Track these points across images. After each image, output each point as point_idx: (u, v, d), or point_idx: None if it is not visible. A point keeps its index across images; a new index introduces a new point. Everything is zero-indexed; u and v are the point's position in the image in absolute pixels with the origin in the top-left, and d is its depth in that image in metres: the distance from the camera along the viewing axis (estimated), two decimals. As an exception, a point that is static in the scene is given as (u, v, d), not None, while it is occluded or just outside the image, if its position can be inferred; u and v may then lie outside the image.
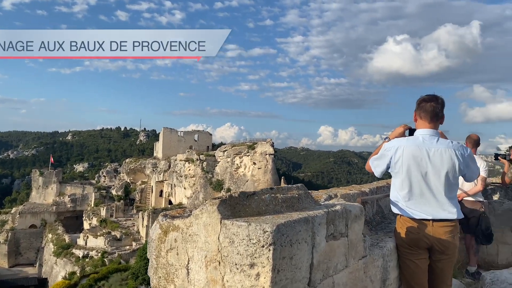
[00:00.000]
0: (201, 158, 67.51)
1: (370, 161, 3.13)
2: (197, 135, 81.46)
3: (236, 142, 75.32)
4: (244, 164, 66.47)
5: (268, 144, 64.75)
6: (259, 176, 62.96)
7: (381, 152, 3.05)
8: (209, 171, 66.91)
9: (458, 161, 2.86)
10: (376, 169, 3.07)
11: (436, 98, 3.00)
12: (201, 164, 67.15)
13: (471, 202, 5.76)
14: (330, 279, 1.99)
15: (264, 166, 63.75)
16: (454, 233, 2.93)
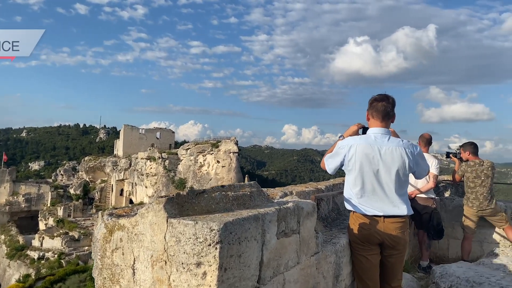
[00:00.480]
0: (163, 156, 66.51)
1: (325, 159, 3.18)
2: (159, 133, 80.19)
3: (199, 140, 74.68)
4: (208, 162, 66.07)
5: (232, 142, 64.67)
6: (223, 174, 62.78)
7: (335, 150, 3.10)
8: (171, 169, 66.04)
9: (408, 159, 2.95)
10: (329, 166, 3.12)
11: (387, 97, 3.08)
12: (163, 162, 66.17)
13: (423, 199, 5.97)
14: (281, 276, 2.00)
15: (228, 164, 63.62)
16: (404, 229, 3.02)
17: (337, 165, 3.08)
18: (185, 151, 67.92)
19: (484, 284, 3.84)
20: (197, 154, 66.63)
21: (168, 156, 67.91)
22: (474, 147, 5.99)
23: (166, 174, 65.81)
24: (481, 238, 6.29)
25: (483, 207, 5.79)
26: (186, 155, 67.61)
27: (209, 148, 66.03)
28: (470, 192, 5.88)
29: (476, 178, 5.80)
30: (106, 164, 75.74)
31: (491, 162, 5.87)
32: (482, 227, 6.20)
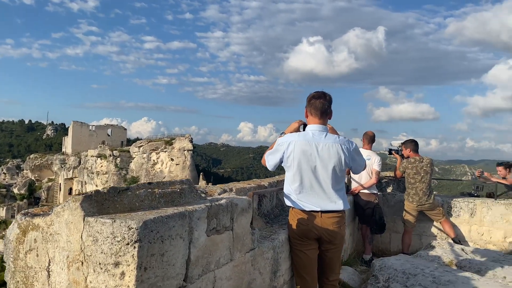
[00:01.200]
0: (115, 154, 64.60)
1: (265, 156, 3.19)
2: (111, 130, 77.77)
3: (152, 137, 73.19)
4: (161, 160, 64.94)
5: (187, 139, 63.95)
6: (177, 172, 61.96)
7: (275, 147, 3.12)
8: (123, 167, 64.31)
9: (344, 155, 3.01)
10: (269, 163, 3.14)
11: (324, 95, 3.13)
12: (114, 160, 64.28)
13: (366, 194, 6.16)
14: (211, 273, 1.97)
15: (183, 162, 62.88)
16: (341, 223, 3.08)
17: (276, 161, 3.10)
18: (138, 149, 66.37)
19: (418, 276, 4.00)
20: (150, 152, 65.31)
21: (119, 154, 66.06)
22: (414, 145, 6.24)
23: (118, 172, 64.02)
24: (420, 232, 6.57)
25: (422, 202, 6.05)
26: (139, 153, 66.08)
27: (163, 146, 64.92)
28: (411, 188, 6.13)
29: (416, 174, 6.05)
30: (54, 162, 72.52)
31: (430, 159, 6.15)
32: (421, 221, 6.48)
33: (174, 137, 65.54)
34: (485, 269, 4.43)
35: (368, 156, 6.20)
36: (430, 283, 3.81)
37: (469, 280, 3.79)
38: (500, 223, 6.16)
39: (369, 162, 6.15)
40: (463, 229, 6.35)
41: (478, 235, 6.28)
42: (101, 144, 69.92)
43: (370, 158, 6.17)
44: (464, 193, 7.68)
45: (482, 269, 4.46)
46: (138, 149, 66.88)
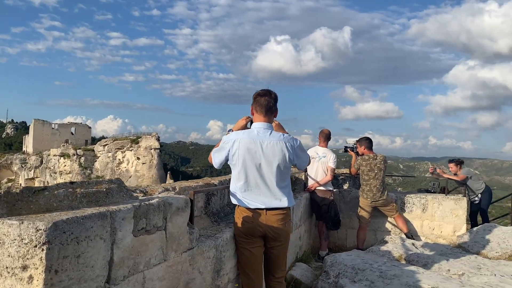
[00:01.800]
0: (79, 153, 62.86)
1: (212, 153, 3.16)
2: (74, 128, 75.60)
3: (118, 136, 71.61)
4: (127, 159, 63.69)
5: (154, 138, 62.96)
6: (144, 171, 60.95)
7: (221, 145, 3.09)
8: (87, 167, 62.66)
9: (288, 152, 3.02)
10: (215, 161, 3.11)
11: (269, 92, 3.13)
12: (78, 159, 62.54)
13: (322, 191, 6.24)
14: (140, 274, 1.92)
15: (149, 161, 61.88)
16: (286, 220, 3.09)
17: (222, 159, 3.08)
18: (103, 148, 64.82)
19: (366, 271, 4.08)
20: (115, 151, 63.93)
21: (83, 153, 64.33)
22: (369, 142, 6.37)
23: (82, 171, 62.35)
24: (375, 227, 6.72)
25: (376, 198, 6.19)
26: (104, 152, 64.56)
27: (129, 144, 63.68)
28: (365, 184, 6.26)
29: (370, 171, 6.18)
30: (14, 162, 69.80)
31: (383, 156, 6.29)
32: (376, 217, 6.63)
33: (141, 136, 64.32)
34: (432, 263, 4.57)
35: (324, 153, 6.28)
36: (376, 277, 3.89)
37: (414, 273, 3.90)
38: (450, 218, 6.38)
39: (324, 160, 6.24)
40: (415, 224, 6.54)
41: (430, 229, 6.48)
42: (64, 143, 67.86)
43: (326, 156, 6.26)
44: (421, 189, 7.91)
45: (428, 262, 4.61)
46: (103, 148, 65.34)
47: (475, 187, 7.68)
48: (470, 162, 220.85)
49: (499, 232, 5.46)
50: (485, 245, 5.22)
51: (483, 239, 5.38)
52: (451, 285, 3.61)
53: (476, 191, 7.68)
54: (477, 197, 7.67)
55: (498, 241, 5.22)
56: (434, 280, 3.71)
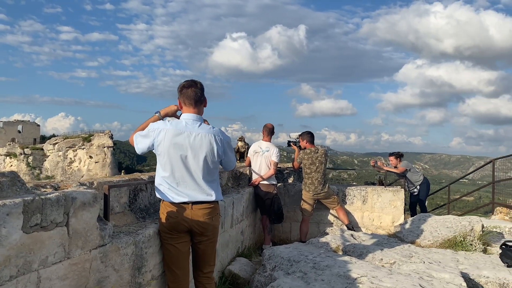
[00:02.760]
0: (26, 152, 59.93)
1: (135, 136, 3.02)
2: (22, 126, 71.92)
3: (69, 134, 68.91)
4: (79, 158, 61.51)
5: (107, 136, 61.14)
6: (96, 170, 59.07)
7: (146, 131, 2.97)
8: (36, 166, 59.93)
9: (217, 145, 2.96)
10: (138, 146, 2.98)
11: (195, 83, 3.05)
12: (26, 159, 59.63)
13: (265, 185, 6.24)
14: (34, 273, 1.79)
15: (102, 159, 60.07)
16: (213, 214, 3.02)
17: (145, 147, 2.96)
18: (53, 146, 62.21)
19: (301, 262, 4.10)
20: (66, 149, 61.53)
21: (32, 152, 61.42)
22: (310, 136, 6.43)
23: (30, 172, 59.53)
24: (318, 220, 6.81)
25: (318, 191, 6.26)
26: (54, 151, 61.98)
27: (81, 143, 61.49)
28: (307, 178, 6.32)
29: (311, 164, 6.24)
30: (-46, 163, 65.42)
31: (324, 150, 6.37)
32: (319, 210, 6.72)
33: (93, 134, 62.21)
34: (366, 252, 4.67)
35: (267, 147, 6.28)
36: (310, 268, 3.92)
37: (346, 263, 3.95)
38: (389, 209, 6.57)
39: (268, 154, 6.23)
40: (356, 216, 6.69)
41: (370, 220, 6.65)
42: (11, 142, 64.46)
43: (269, 150, 6.26)
44: (368, 182, 8.10)
45: (363, 252, 4.70)
46: (53, 146, 62.69)
47: (414, 179, 7.97)
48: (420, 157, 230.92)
49: (433, 221, 5.67)
50: (419, 234, 5.41)
51: (418, 229, 5.58)
52: (380, 273, 3.68)
53: (415, 182, 7.96)
54: (416, 188, 7.96)
55: (431, 230, 5.43)
56: (365, 269, 3.77)
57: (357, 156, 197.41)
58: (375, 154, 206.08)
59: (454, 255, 4.72)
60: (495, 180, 7.81)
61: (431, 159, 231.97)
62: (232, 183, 6.43)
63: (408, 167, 8.02)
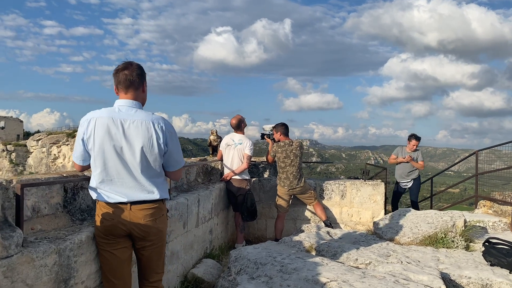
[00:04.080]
0: (9, 148, 58.52)
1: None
2: (4, 122, 70.40)
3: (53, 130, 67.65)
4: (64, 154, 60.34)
5: (91, 131, 60.05)
6: (81, 166, 58.03)
7: (79, 127, 2.59)
8: (19, 163, 58.60)
9: (157, 135, 2.56)
10: (74, 155, 2.62)
11: (130, 65, 2.65)
12: (8, 155, 58.27)
13: (238, 180, 5.87)
14: None
15: (87, 155, 59.03)
16: (157, 215, 2.64)
17: (80, 150, 2.58)
18: (36, 142, 60.90)
19: (267, 265, 3.74)
20: (50, 145, 60.36)
21: (15, 148, 60.08)
22: (285, 128, 6.06)
23: (13, 168, 58.25)
24: (295, 216, 6.47)
25: (293, 186, 5.91)
26: (38, 147, 60.69)
27: (65, 139, 60.34)
28: (281, 172, 5.96)
29: (286, 158, 5.88)
30: None
31: (299, 142, 6.01)
32: (296, 205, 6.38)
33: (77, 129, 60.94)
34: (341, 252, 4.33)
35: (240, 140, 5.91)
36: (276, 272, 3.56)
37: (316, 266, 3.60)
38: (368, 204, 6.25)
39: (240, 147, 5.86)
40: (334, 211, 6.36)
41: (348, 216, 6.32)
42: (-8, 138, 63.02)
43: (242, 142, 5.89)
44: (350, 177, 7.76)
45: (338, 252, 4.36)
46: (36, 142, 61.39)
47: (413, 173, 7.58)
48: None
49: (413, 216, 5.35)
50: (398, 231, 5.09)
51: (397, 225, 5.25)
52: (352, 276, 3.34)
53: (410, 175, 7.56)
54: (409, 183, 7.59)
55: (411, 226, 5.11)
56: (336, 272, 3.43)
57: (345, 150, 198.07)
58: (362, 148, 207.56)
59: (434, 253, 4.41)
60: (478, 172, 7.54)
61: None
62: (203, 178, 6.04)
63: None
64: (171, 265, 3.93)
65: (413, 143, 7.47)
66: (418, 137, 7.50)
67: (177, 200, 4.12)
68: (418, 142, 7.47)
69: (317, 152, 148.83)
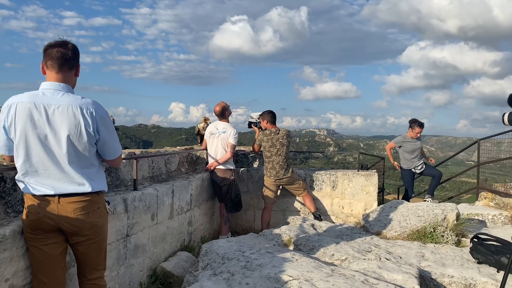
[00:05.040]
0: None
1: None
2: (23, 112, 71.79)
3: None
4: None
5: (108, 121, 60.67)
6: (98, 155, 58.80)
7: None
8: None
9: (85, 121, 2.34)
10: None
11: (65, 43, 2.43)
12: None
13: (222, 170, 5.64)
14: None
15: (104, 144, 59.76)
16: (89, 209, 2.42)
17: (3, 139, 2.37)
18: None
19: (233, 260, 3.51)
20: (68, 135, 61.25)
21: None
22: (272, 116, 5.79)
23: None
24: (284, 207, 6.22)
25: (280, 176, 5.65)
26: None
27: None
28: (268, 162, 5.70)
29: (272, 147, 5.62)
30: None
31: (286, 131, 5.73)
32: (285, 196, 6.14)
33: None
34: (319, 247, 4.08)
35: (224, 128, 5.67)
36: (240, 268, 3.33)
37: (284, 262, 3.36)
38: (361, 195, 5.95)
39: (224, 136, 5.63)
40: (325, 203, 6.09)
41: (340, 208, 6.04)
42: (12, 128, 64.30)
43: (225, 131, 5.65)
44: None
45: (315, 246, 4.11)
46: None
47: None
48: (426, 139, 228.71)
49: (404, 209, 5.04)
50: (386, 224, 4.79)
51: (386, 218, 4.95)
52: (317, 274, 3.08)
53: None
54: (422, 166, 7.09)
55: (400, 219, 4.80)
56: (302, 269, 3.17)
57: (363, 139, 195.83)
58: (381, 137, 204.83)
59: (420, 249, 4.11)
60: (480, 162, 7.11)
61: (437, 142, 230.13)
62: (187, 168, 5.83)
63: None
64: (135, 259, 3.75)
65: (417, 131, 6.90)
66: (421, 123, 6.92)
67: (143, 191, 3.92)
68: (422, 130, 6.96)
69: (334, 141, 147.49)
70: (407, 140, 6.99)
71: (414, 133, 6.93)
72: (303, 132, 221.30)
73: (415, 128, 6.91)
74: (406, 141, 6.99)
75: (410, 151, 6.93)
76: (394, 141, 7.24)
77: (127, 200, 3.58)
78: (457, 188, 25.02)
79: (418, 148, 6.96)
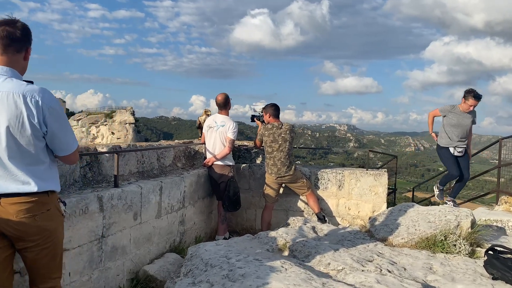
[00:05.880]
0: (50, 128, 61.04)
1: None
2: (47, 103, 73.42)
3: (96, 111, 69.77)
4: (102, 134, 62.15)
5: (128, 112, 61.38)
6: (118, 146, 59.52)
7: None
8: (60, 142, 61.02)
9: (28, 111, 2.04)
10: None
11: (14, 21, 2.13)
12: (50, 134, 60.75)
13: (220, 166, 5.32)
14: None
15: (124, 136, 60.50)
16: (36, 212, 2.13)
17: None
18: (77, 122, 63.03)
19: (215, 268, 3.19)
20: (89, 125, 62.30)
21: (56, 128, 62.44)
22: (275, 109, 5.42)
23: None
24: (287, 207, 5.86)
25: (282, 174, 5.29)
26: (78, 126, 62.83)
27: (103, 119, 62.07)
28: (269, 158, 5.35)
29: (273, 142, 5.26)
30: (-16, 138, 67.70)
31: (290, 125, 5.35)
32: (289, 195, 5.78)
33: (115, 110, 62.70)
34: (315, 254, 3.71)
35: (223, 122, 5.34)
36: (220, 278, 2.99)
37: (271, 272, 3.01)
38: (369, 196, 5.54)
39: (223, 129, 5.29)
40: (330, 203, 5.69)
41: (346, 209, 5.64)
42: (36, 118, 65.81)
43: (224, 125, 5.31)
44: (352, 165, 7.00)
45: (311, 253, 3.75)
46: (77, 122, 63.53)
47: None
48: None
49: (414, 213, 4.61)
50: (393, 230, 4.37)
51: (394, 222, 4.54)
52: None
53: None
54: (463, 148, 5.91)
55: (408, 225, 4.38)
56: (289, 282, 2.82)
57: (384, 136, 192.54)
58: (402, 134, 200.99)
59: (428, 259, 3.69)
60: (501, 163, 6.57)
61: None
62: (184, 163, 5.53)
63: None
64: (112, 262, 3.46)
65: (470, 103, 5.63)
66: (478, 95, 5.63)
67: (124, 188, 3.63)
68: (477, 102, 5.66)
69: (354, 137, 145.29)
70: (455, 111, 5.80)
71: (466, 105, 5.66)
72: (323, 127, 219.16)
73: (468, 99, 5.63)
74: (454, 111, 5.81)
75: (455, 124, 5.75)
76: (441, 109, 6.01)
77: (103, 198, 3.29)
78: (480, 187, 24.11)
79: (466, 125, 5.75)
